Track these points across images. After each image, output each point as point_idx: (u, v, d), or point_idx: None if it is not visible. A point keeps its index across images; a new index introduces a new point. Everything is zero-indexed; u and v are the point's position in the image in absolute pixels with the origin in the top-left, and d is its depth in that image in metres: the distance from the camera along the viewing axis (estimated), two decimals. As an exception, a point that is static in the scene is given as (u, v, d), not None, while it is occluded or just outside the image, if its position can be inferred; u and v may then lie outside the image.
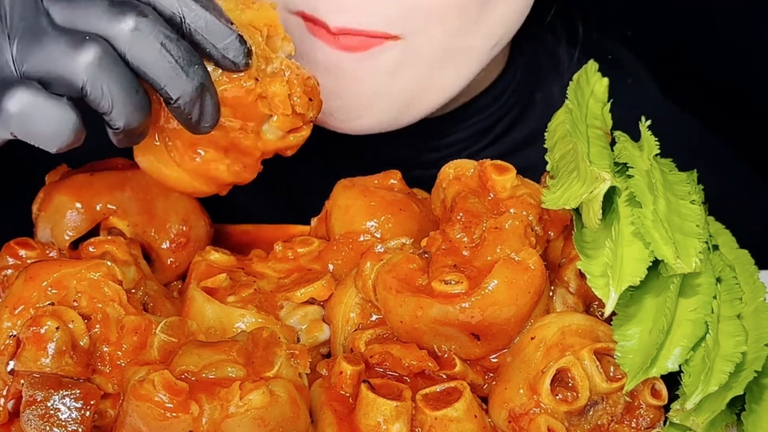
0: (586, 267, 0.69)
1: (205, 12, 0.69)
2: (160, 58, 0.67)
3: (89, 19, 0.67)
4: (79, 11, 0.67)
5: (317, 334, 0.75)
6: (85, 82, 0.66)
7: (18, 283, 0.73)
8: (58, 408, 0.67)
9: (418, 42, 0.85)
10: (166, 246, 0.81)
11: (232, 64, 0.70)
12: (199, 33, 0.69)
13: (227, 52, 0.70)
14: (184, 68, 0.68)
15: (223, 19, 0.70)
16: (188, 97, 0.69)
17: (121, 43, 0.67)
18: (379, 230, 0.78)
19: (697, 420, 0.67)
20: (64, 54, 0.66)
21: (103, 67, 0.66)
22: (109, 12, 0.66)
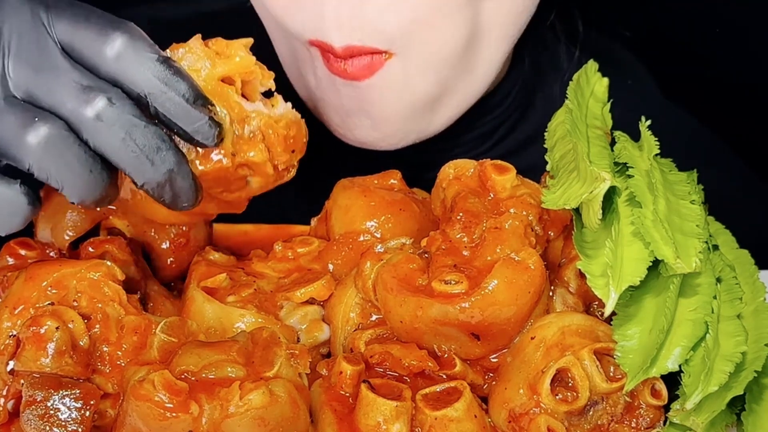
0: (586, 267, 0.69)
1: (174, 94, 0.66)
2: (123, 147, 0.65)
3: (54, 96, 0.64)
4: (43, 86, 0.65)
5: (317, 334, 0.75)
6: (31, 164, 0.64)
7: (18, 283, 0.73)
8: (58, 408, 0.67)
9: (413, 54, 0.85)
10: (166, 246, 0.81)
11: (202, 144, 0.68)
12: (167, 116, 0.66)
13: (196, 135, 0.67)
14: (149, 156, 0.66)
15: (194, 99, 0.67)
16: (155, 183, 0.67)
17: (83, 128, 0.65)
18: (379, 230, 0.78)
19: (697, 420, 0.67)
20: (12, 132, 0.64)
21: (51, 151, 0.64)
22: (75, 94, 0.64)
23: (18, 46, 0.65)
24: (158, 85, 0.66)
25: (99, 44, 0.65)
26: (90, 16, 0.66)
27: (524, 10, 0.90)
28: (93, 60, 0.65)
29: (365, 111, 0.87)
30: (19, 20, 0.66)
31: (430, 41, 0.85)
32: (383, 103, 0.87)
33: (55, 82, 0.65)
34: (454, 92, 0.90)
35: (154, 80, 0.66)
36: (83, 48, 0.65)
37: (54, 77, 0.65)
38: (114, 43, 0.65)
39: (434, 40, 0.85)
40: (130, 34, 0.66)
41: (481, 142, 1.02)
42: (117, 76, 0.65)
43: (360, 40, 0.83)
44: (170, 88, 0.66)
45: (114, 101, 0.65)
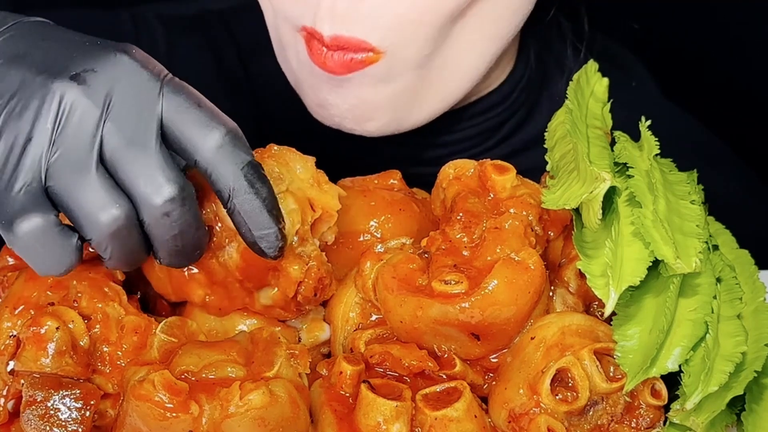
0: (586, 267, 0.69)
1: (255, 197, 0.67)
2: (170, 242, 0.67)
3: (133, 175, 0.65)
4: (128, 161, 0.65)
5: (318, 333, 0.75)
6: (96, 241, 0.66)
7: (18, 283, 0.73)
8: (58, 408, 0.67)
9: (399, 52, 0.85)
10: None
11: (261, 252, 0.69)
12: (240, 215, 0.68)
13: (260, 241, 0.68)
14: (188, 254, 0.69)
15: (271, 207, 0.68)
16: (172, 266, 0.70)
17: (145, 212, 0.66)
18: (379, 230, 0.78)
19: (697, 420, 0.67)
20: (90, 205, 0.65)
21: (115, 237, 0.66)
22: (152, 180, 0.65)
23: (119, 114, 0.66)
24: (245, 185, 0.67)
25: (203, 132, 0.66)
26: (202, 103, 0.67)
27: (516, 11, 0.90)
28: (191, 144, 0.67)
29: (341, 99, 0.88)
30: (127, 86, 0.66)
31: (423, 44, 0.85)
32: (360, 96, 0.87)
33: (142, 161, 0.66)
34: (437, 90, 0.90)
35: (243, 181, 0.67)
36: (185, 131, 0.66)
37: (142, 156, 0.66)
38: (217, 135, 0.66)
39: (427, 42, 0.85)
40: (233, 132, 0.67)
41: (483, 139, 1.01)
42: (209, 166, 0.67)
43: (350, 32, 0.83)
44: (255, 190, 0.67)
45: (185, 202, 0.66)
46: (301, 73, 0.89)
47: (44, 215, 0.65)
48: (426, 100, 0.90)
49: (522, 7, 0.90)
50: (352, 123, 0.89)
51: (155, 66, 0.68)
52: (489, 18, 0.88)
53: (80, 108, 0.65)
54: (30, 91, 0.66)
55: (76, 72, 0.66)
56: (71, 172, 0.65)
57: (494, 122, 1.01)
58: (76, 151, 0.65)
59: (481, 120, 1.01)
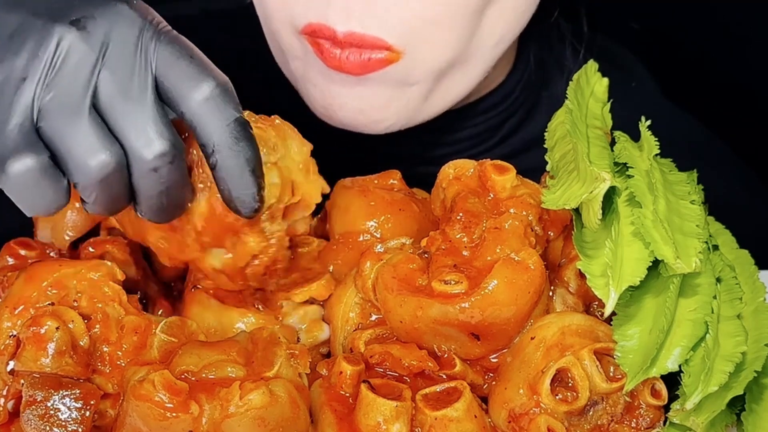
0: (586, 267, 0.69)
1: (239, 156, 0.67)
2: (155, 197, 0.67)
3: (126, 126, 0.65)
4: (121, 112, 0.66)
5: (317, 333, 0.75)
6: (82, 185, 0.66)
7: (18, 283, 0.73)
8: (58, 408, 0.67)
9: (419, 54, 0.85)
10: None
11: (235, 210, 0.69)
12: (221, 171, 0.67)
13: (237, 200, 0.68)
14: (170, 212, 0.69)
15: (253, 168, 0.68)
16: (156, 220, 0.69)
17: (135, 165, 0.66)
18: (379, 230, 0.78)
19: (697, 420, 0.67)
20: (82, 150, 0.65)
21: (103, 183, 0.66)
22: (144, 134, 0.65)
23: (115, 62, 0.66)
24: (229, 141, 0.67)
25: (193, 83, 0.66)
26: (195, 56, 0.67)
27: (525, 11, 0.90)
28: (180, 94, 0.67)
29: (356, 100, 0.87)
30: (125, 34, 0.66)
31: (439, 42, 0.85)
32: (375, 98, 0.87)
33: (134, 113, 0.66)
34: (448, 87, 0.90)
35: (227, 136, 0.67)
36: (175, 81, 0.66)
37: (134, 109, 0.66)
38: (205, 88, 0.66)
39: (440, 40, 0.85)
40: (224, 86, 0.67)
41: (484, 138, 1.02)
42: (195, 117, 0.67)
43: (365, 29, 0.83)
44: (239, 147, 0.67)
45: (174, 159, 0.66)
46: (308, 73, 0.89)
47: (37, 156, 0.65)
48: (437, 98, 0.90)
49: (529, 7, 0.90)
50: (360, 124, 0.89)
51: (154, 17, 0.68)
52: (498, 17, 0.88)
53: (77, 52, 0.65)
54: (28, 33, 0.66)
55: (75, 18, 0.66)
56: (63, 114, 0.65)
57: (494, 122, 1.01)
58: (70, 94, 0.65)
59: (481, 120, 1.01)
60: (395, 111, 0.88)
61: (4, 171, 0.65)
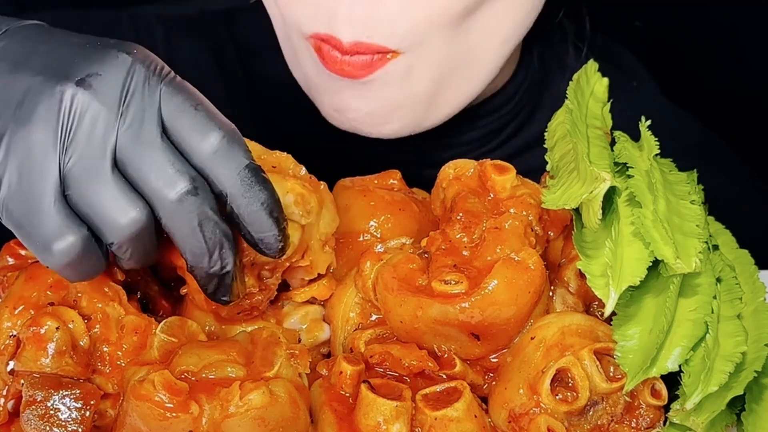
0: (586, 267, 0.69)
1: (254, 202, 0.67)
2: (190, 236, 0.67)
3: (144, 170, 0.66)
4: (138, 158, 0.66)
5: (318, 333, 0.75)
6: (117, 244, 0.66)
7: (18, 283, 0.73)
8: (58, 408, 0.67)
9: (420, 53, 0.85)
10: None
11: (262, 252, 0.69)
12: (238, 218, 0.67)
13: (261, 243, 0.68)
14: (211, 250, 0.67)
15: (270, 210, 0.68)
16: (204, 274, 0.68)
17: (161, 208, 0.66)
18: (379, 230, 0.78)
19: (697, 420, 0.67)
20: (110, 210, 0.65)
21: (136, 238, 0.66)
22: (164, 174, 0.65)
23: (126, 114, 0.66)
24: (242, 189, 0.67)
25: (200, 135, 0.66)
26: (200, 104, 0.67)
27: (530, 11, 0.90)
28: (189, 147, 0.67)
29: (363, 103, 0.87)
30: (131, 85, 0.66)
31: (438, 43, 0.85)
32: (381, 98, 0.87)
33: (150, 158, 0.66)
34: (454, 89, 0.90)
35: (239, 184, 0.67)
36: (183, 133, 0.66)
37: (150, 153, 0.66)
38: (212, 139, 0.66)
39: (443, 42, 0.85)
40: (231, 134, 0.67)
41: (487, 140, 1.02)
42: (206, 169, 0.67)
43: (369, 37, 0.83)
44: (252, 194, 0.67)
45: (198, 191, 0.66)
46: (320, 78, 0.89)
47: (78, 232, 0.65)
48: (443, 101, 0.90)
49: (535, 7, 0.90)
50: (370, 127, 0.89)
51: (156, 64, 0.68)
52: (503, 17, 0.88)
53: (90, 113, 0.65)
54: (36, 99, 0.65)
55: (80, 77, 0.66)
56: (89, 179, 0.65)
57: (498, 124, 1.01)
58: (91, 157, 0.65)
59: (485, 122, 1.01)
60: (401, 112, 0.88)
61: (50, 253, 0.65)
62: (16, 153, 0.65)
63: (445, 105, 0.91)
